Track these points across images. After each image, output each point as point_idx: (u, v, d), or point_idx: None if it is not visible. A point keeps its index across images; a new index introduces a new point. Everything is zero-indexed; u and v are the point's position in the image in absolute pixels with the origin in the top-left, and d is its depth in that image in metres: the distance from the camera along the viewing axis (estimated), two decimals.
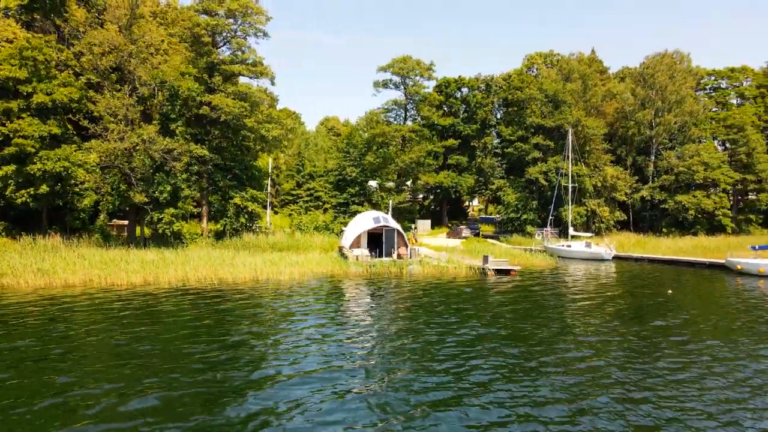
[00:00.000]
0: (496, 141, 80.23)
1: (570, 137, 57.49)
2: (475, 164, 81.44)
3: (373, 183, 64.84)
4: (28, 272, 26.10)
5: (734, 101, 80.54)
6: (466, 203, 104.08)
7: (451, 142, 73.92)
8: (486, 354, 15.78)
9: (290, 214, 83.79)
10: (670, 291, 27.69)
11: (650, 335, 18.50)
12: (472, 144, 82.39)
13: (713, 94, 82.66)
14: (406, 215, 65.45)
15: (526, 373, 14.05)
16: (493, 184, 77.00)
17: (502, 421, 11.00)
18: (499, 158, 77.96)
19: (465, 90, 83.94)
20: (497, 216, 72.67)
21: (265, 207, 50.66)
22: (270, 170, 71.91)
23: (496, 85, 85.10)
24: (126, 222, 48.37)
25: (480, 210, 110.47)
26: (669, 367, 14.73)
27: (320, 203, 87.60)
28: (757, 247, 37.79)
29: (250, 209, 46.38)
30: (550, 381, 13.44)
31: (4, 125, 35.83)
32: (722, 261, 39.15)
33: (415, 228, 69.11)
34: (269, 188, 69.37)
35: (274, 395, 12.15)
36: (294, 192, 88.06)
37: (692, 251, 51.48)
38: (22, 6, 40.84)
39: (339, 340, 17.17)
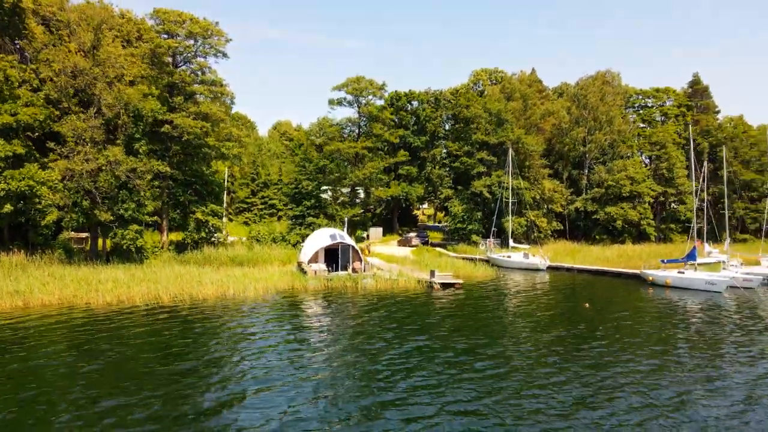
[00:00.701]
0: (444, 152, 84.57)
1: (510, 155, 62.24)
2: (424, 174, 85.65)
3: (327, 194, 67.54)
4: (5, 294, 27.60)
5: (659, 119, 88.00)
6: (416, 209, 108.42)
7: (401, 153, 77.67)
8: (424, 364, 19.15)
9: (246, 222, 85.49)
10: (587, 304, 31.98)
11: (564, 343, 22.41)
12: (421, 155, 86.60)
13: (641, 111, 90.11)
14: (359, 225, 68.57)
15: (451, 378, 17.49)
16: (442, 193, 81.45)
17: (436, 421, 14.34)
18: (447, 169, 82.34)
19: (415, 103, 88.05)
20: (445, 225, 76.83)
21: (222, 218, 52.40)
22: (225, 178, 73.36)
23: (444, 99, 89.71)
24: (84, 235, 49.39)
25: (429, 216, 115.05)
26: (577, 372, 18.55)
27: (275, 210, 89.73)
28: (665, 261, 43.22)
29: (210, 223, 48.41)
30: (479, 385, 16.92)
31: None
32: (639, 272, 44.35)
33: (368, 236, 72.45)
34: (224, 196, 70.79)
35: (237, 412, 15.07)
36: (249, 200, 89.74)
37: (617, 261, 57.23)
38: None
39: (294, 358, 20.14)
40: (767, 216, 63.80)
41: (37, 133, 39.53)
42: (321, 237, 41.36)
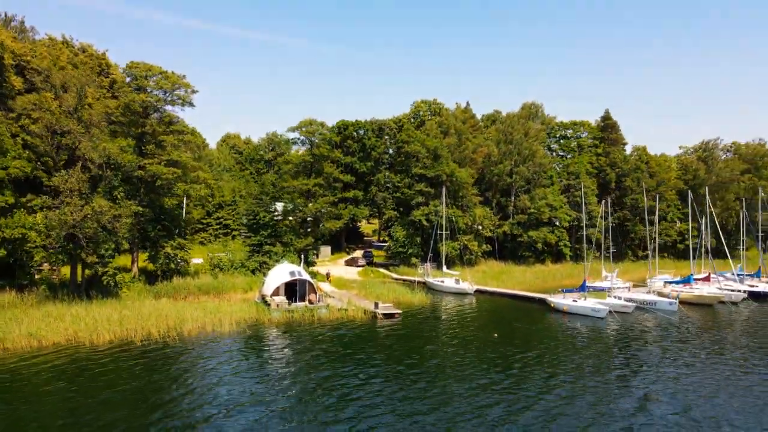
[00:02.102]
0: (387, 176, 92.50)
1: (444, 191, 70.99)
2: (369, 196, 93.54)
3: (279, 206, 73.00)
4: (22, 338, 33.00)
5: (576, 149, 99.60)
6: (362, 224, 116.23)
7: (348, 178, 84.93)
8: (366, 387, 26.60)
9: (201, 242, 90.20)
10: (495, 335, 40.33)
11: (474, 368, 30.43)
12: (367, 179, 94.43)
13: (561, 141, 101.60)
14: (310, 250, 75.34)
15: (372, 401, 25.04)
16: (385, 214, 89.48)
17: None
18: (390, 191, 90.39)
19: (361, 131, 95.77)
20: (389, 247, 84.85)
21: (188, 251, 57.83)
22: (184, 203, 78.13)
23: (387, 128, 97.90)
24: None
25: (374, 231, 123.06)
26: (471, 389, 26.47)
27: (229, 230, 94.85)
28: (564, 290, 52.83)
29: (178, 256, 54.09)
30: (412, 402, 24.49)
31: None
32: (545, 297, 53.64)
33: (317, 255, 79.32)
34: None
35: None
36: (204, 221, 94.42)
37: (534, 282, 67.13)
38: None
39: (265, 383, 27.18)
40: (651, 241, 75.72)
41: (25, 183, 44.31)
42: (282, 273, 48.14)
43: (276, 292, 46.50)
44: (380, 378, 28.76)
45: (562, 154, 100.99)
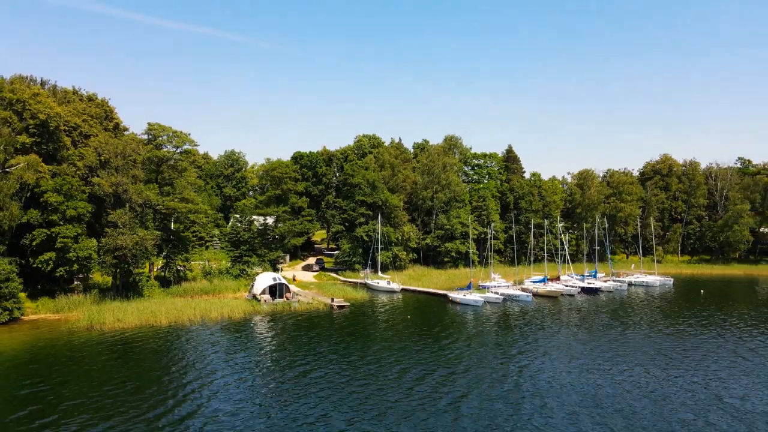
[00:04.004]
0: (335, 200, 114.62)
1: (380, 214, 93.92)
2: (320, 214, 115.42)
3: (257, 220, 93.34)
4: (114, 321, 52.86)
5: (486, 176, 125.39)
6: (313, 236, 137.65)
7: (304, 201, 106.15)
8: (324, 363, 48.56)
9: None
10: (409, 317, 63.25)
11: (392, 344, 52.94)
12: (318, 200, 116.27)
13: (475, 169, 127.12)
14: (279, 259, 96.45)
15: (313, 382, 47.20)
16: (333, 227, 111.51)
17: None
18: (338, 211, 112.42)
19: (314, 160, 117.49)
20: (338, 256, 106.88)
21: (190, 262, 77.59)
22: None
23: (335, 158, 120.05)
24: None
25: (322, 239, 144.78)
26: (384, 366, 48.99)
27: (203, 241, 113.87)
28: (458, 288, 76.84)
29: (185, 267, 74.06)
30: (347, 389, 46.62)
31: (49, 229, 59.72)
32: (448, 293, 77.26)
33: (284, 261, 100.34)
34: None
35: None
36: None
37: (446, 282, 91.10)
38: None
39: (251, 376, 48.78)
40: (539, 249, 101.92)
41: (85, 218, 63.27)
42: (267, 278, 69.41)
43: (264, 292, 67.79)
44: (334, 340, 51.12)
45: (475, 179, 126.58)
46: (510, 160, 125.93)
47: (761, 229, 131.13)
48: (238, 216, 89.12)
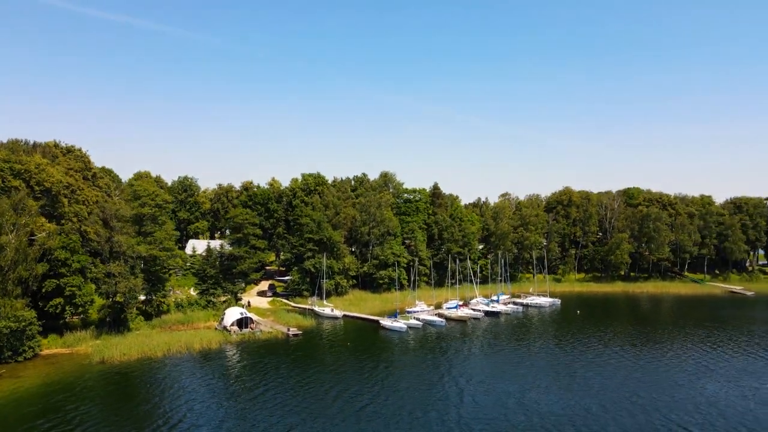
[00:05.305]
0: (284, 233, 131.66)
1: (324, 251, 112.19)
2: (273, 244, 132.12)
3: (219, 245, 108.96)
4: (117, 354, 68.35)
5: (415, 210, 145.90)
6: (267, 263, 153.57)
7: (258, 232, 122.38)
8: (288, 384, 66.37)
9: None
10: (349, 343, 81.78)
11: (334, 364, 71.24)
12: (270, 232, 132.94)
13: (406, 203, 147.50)
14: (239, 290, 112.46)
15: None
16: (283, 255, 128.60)
17: None
18: (288, 242, 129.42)
19: (266, 197, 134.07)
20: (288, 283, 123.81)
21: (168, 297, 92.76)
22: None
23: (284, 194, 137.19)
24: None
25: (272, 261, 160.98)
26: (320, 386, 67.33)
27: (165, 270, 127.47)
28: (387, 315, 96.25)
29: (163, 301, 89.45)
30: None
31: (58, 280, 74.12)
32: (379, 319, 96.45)
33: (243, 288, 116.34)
34: None
35: None
36: None
37: (381, 305, 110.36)
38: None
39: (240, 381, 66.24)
40: (459, 274, 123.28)
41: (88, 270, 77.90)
42: (235, 313, 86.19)
43: (233, 324, 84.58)
44: (291, 359, 69.15)
45: (405, 212, 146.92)
46: (435, 196, 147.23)
47: (643, 252, 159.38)
48: (204, 254, 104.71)
